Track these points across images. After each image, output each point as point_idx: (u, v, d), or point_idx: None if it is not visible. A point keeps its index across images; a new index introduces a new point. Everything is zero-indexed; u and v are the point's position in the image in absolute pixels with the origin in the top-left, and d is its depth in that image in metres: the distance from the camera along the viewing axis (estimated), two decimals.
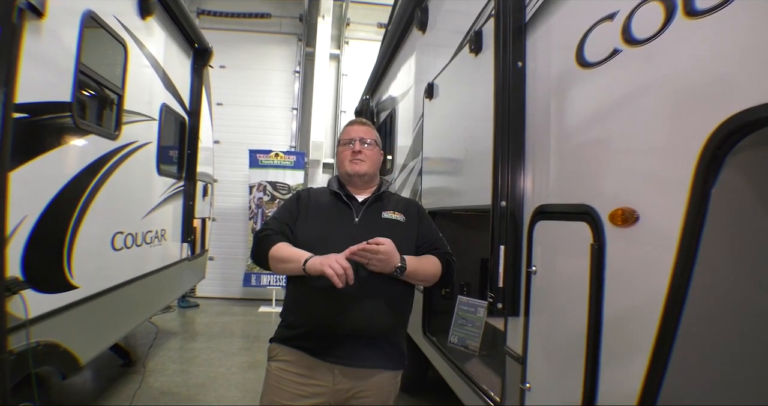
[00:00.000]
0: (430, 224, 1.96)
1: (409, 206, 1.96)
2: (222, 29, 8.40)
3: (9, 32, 1.71)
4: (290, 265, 1.67)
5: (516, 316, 1.83)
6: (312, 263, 1.58)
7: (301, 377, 1.71)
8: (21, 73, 2.03)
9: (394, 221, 1.84)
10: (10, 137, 1.80)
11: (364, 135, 1.93)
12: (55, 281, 2.44)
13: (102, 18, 2.79)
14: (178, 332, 6.04)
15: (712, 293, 1.08)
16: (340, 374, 1.70)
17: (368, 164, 1.90)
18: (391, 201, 1.94)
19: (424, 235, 1.89)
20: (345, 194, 1.88)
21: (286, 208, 1.90)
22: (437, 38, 3.38)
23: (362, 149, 1.89)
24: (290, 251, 1.70)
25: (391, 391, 1.81)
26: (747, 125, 0.93)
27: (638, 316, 1.20)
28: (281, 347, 1.77)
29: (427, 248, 1.86)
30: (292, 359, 1.73)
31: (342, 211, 1.85)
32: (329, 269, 1.50)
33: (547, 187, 1.69)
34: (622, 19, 1.30)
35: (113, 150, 3.02)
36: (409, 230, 1.85)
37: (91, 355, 2.82)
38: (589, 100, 1.48)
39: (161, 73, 3.97)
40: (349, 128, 1.98)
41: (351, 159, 1.89)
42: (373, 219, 1.83)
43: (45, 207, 2.28)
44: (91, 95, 2.94)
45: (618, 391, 1.28)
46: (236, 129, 8.28)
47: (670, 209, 1.09)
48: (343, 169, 1.93)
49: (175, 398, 3.91)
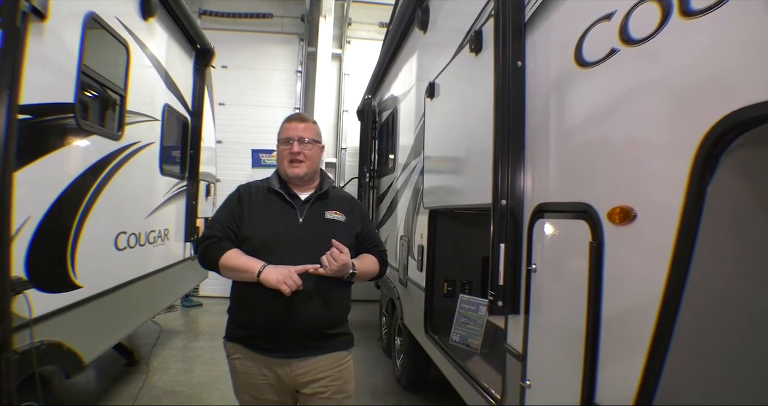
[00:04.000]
0: (369, 223, 2.10)
1: (351, 205, 2.03)
2: (224, 29, 8.41)
3: (12, 36, 1.72)
4: (243, 275, 1.75)
5: (516, 314, 1.84)
6: (266, 277, 1.68)
7: (262, 369, 1.83)
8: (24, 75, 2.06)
9: (336, 222, 1.91)
10: (15, 139, 1.81)
11: (303, 133, 1.91)
12: (59, 280, 2.46)
13: (104, 19, 2.81)
14: (182, 331, 6.07)
15: (708, 290, 1.09)
16: (296, 363, 1.81)
17: (307, 165, 1.91)
18: (334, 200, 1.99)
19: (366, 234, 2.01)
20: (287, 193, 1.90)
21: (229, 209, 1.90)
22: (438, 38, 3.38)
23: (301, 150, 1.89)
24: (241, 260, 1.76)
25: (346, 366, 1.93)
26: (742, 124, 0.94)
27: (636, 314, 1.21)
28: (236, 346, 1.88)
29: (367, 246, 2.00)
30: (246, 356, 1.85)
31: (285, 211, 1.88)
32: (284, 286, 1.63)
33: (547, 185, 1.70)
34: (620, 18, 1.30)
35: (116, 150, 3.04)
36: (350, 230, 1.94)
37: (95, 354, 2.84)
38: (587, 99, 1.49)
39: (163, 73, 3.98)
40: (287, 125, 1.96)
41: (290, 159, 1.89)
42: (317, 219, 1.89)
43: (48, 207, 2.30)
44: (93, 96, 2.96)
45: (616, 389, 1.29)
46: (239, 129, 8.29)
47: (666, 207, 1.10)
48: (283, 170, 1.94)
49: (178, 397, 3.94)
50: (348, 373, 1.94)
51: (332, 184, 2.02)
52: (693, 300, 1.06)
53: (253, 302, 1.80)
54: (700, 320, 1.10)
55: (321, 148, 1.99)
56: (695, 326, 1.09)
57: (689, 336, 1.09)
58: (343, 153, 8.75)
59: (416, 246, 3.68)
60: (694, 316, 1.07)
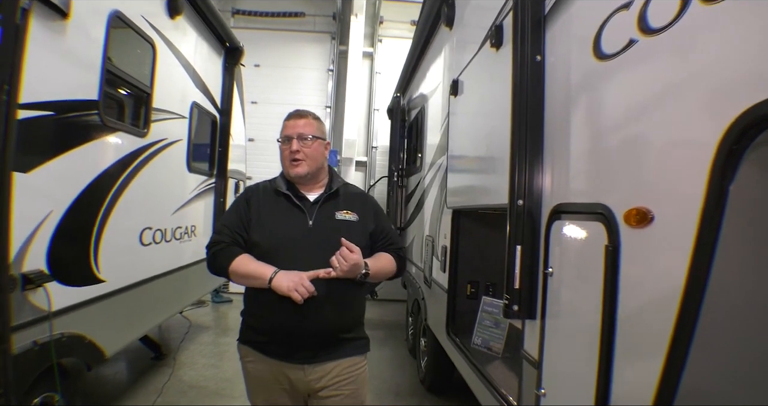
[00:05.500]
0: (385, 219, 1.99)
1: (362, 202, 1.94)
2: (256, 28, 8.52)
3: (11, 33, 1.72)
4: (254, 282, 1.70)
5: (533, 319, 1.75)
6: (278, 284, 1.62)
7: (275, 373, 1.78)
8: (46, 71, 2.10)
9: (348, 223, 1.83)
10: (14, 138, 1.81)
11: (303, 130, 1.83)
12: (81, 274, 2.50)
13: (129, 18, 2.85)
14: (211, 327, 6.16)
15: (730, 295, 0.98)
16: (309, 369, 1.76)
17: (309, 163, 1.82)
18: (344, 198, 1.90)
19: (380, 231, 1.91)
20: (295, 195, 1.83)
21: (237, 213, 1.84)
22: (463, 34, 3.30)
23: (300, 148, 1.81)
24: (252, 266, 1.70)
25: (360, 371, 1.86)
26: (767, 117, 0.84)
27: (653, 320, 1.11)
28: (249, 349, 1.83)
29: (383, 244, 1.91)
30: (259, 360, 1.80)
31: (294, 213, 1.81)
32: (295, 294, 1.59)
33: (566, 184, 1.60)
34: (639, 6, 1.21)
35: (141, 147, 3.09)
36: (363, 230, 1.86)
37: (117, 347, 2.89)
38: (605, 94, 1.39)
39: (191, 71, 4.03)
40: (286, 123, 1.88)
41: (291, 159, 1.82)
42: (327, 221, 1.80)
43: (71, 202, 2.34)
44: (118, 94, 3.01)
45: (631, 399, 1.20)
46: (270, 127, 8.32)
47: (685, 208, 1.00)
48: (285, 170, 1.88)
49: (202, 391, 3.98)
50: (363, 379, 1.88)
51: (342, 182, 1.94)
52: (714, 306, 0.96)
53: (265, 307, 1.75)
54: (720, 327, 1.00)
55: (325, 145, 1.91)
56: (715, 333, 0.99)
57: (709, 344, 0.99)
58: (374, 152, 8.73)
59: (440, 246, 3.61)
60: (714, 322, 0.97)
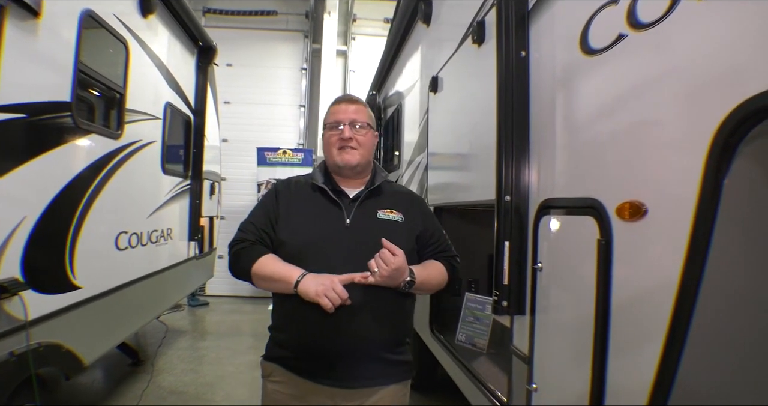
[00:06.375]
0: (435, 223, 1.75)
1: (409, 201, 1.70)
2: (228, 27, 8.38)
3: None
4: (279, 285, 1.47)
5: (522, 314, 1.77)
6: (305, 289, 1.39)
7: (298, 400, 1.53)
8: (17, 72, 2.02)
9: (392, 223, 1.59)
10: None
11: (356, 116, 1.61)
12: (57, 281, 2.42)
13: (102, 17, 2.77)
14: (188, 331, 6.05)
15: (726, 289, 1.01)
16: (340, 397, 1.50)
17: (361, 153, 1.60)
18: (389, 196, 1.67)
19: (430, 236, 1.67)
20: (333, 189, 1.61)
21: (264, 208, 1.63)
22: (441, 30, 3.32)
23: (353, 135, 1.58)
24: (276, 267, 1.48)
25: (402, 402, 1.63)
26: (760, 111, 0.86)
27: (647, 314, 1.14)
28: (274, 366, 1.58)
29: (433, 251, 1.67)
30: (286, 380, 1.55)
31: (330, 210, 1.58)
32: (325, 300, 1.35)
33: (553, 180, 1.62)
34: (628, 1, 1.23)
35: (115, 149, 3.00)
36: (410, 233, 1.62)
37: (95, 355, 2.81)
38: (593, 88, 1.41)
39: (164, 71, 3.95)
40: (335, 108, 1.65)
41: (340, 146, 1.59)
42: (367, 221, 1.57)
43: (45, 208, 2.26)
44: (91, 95, 2.92)
45: (627, 392, 1.22)
46: (244, 127, 8.28)
47: (680, 202, 1.02)
48: (331, 158, 1.63)
49: (182, 397, 3.91)
50: None
51: (386, 178, 1.70)
52: (709, 301, 0.98)
53: (294, 320, 1.52)
54: (716, 321, 1.02)
55: (375, 136, 1.69)
56: (711, 328, 1.02)
57: (705, 337, 1.02)
58: None
59: None
60: (710, 317, 1.00)
